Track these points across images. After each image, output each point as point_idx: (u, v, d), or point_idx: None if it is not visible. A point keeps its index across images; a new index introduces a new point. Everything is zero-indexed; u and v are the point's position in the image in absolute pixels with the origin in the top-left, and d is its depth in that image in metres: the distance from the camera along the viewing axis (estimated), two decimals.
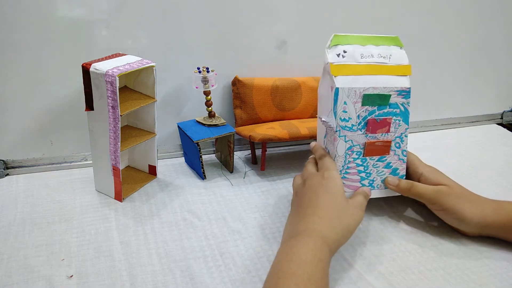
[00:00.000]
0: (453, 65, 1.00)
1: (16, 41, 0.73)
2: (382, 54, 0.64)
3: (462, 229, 0.63)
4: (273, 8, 0.84)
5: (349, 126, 0.63)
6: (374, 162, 0.65)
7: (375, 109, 0.63)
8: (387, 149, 0.65)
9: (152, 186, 0.77)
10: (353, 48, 0.64)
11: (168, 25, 0.80)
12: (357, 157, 0.65)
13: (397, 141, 0.65)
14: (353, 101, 0.62)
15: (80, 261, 0.59)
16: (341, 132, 0.63)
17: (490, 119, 1.08)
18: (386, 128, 0.64)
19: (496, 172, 0.82)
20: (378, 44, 0.65)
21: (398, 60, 0.65)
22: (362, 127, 0.64)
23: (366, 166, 0.65)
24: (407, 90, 0.64)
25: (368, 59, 0.64)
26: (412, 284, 0.56)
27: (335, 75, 0.62)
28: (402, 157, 0.66)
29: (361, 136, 0.64)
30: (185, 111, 0.86)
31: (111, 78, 0.64)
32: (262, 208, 0.71)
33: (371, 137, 0.64)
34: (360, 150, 0.64)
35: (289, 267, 0.50)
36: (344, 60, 0.63)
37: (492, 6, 0.97)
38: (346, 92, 0.62)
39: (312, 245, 0.52)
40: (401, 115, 0.64)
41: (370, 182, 0.66)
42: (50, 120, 0.79)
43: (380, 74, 0.63)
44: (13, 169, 0.80)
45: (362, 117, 0.63)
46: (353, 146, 0.64)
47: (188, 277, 0.57)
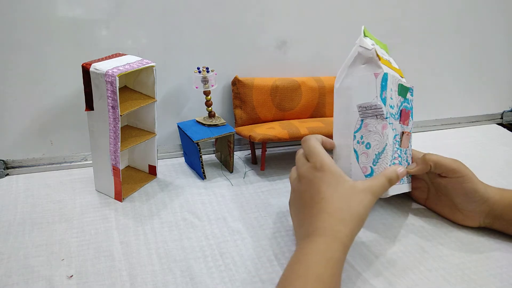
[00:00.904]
0: (453, 65, 1.01)
1: (16, 41, 0.73)
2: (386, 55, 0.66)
3: (472, 210, 0.63)
4: (273, 8, 0.84)
5: (393, 114, 0.62)
6: (403, 154, 0.65)
7: (403, 100, 0.64)
8: (408, 142, 0.66)
9: (152, 186, 0.77)
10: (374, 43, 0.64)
11: (168, 25, 0.80)
12: (398, 147, 0.64)
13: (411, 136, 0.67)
14: (394, 89, 0.62)
15: (80, 261, 0.59)
16: (390, 119, 0.61)
17: (490, 119, 1.08)
18: (408, 121, 0.65)
19: (496, 172, 0.83)
20: (381, 47, 0.66)
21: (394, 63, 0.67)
22: (399, 116, 0.64)
23: (403, 157, 0.64)
24: (412, 88, 0.66)
25: (386, 56, 0.65)
26: (412, 284, 0.56)
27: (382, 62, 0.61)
28: (410, 152, 0.67)
29: (399, 125, 0.64)
30: (185, 111, 0.86)
31: (111, 78, 0.64)
32: (262, 208, 0.71)
33: (402, 128, 0.65)
34: (399, 140, 0.64)
35: (298, 269, 0.49)
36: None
37: (492, 6, 0.97)
38: (391, 79, 0.61)
39: (321, 244, 0.51)
40: (411, 110, 0.66)
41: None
42: (50, 120, 0.79)
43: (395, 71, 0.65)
44: (13, 169, 0.80)
45: (398, 106, 0.63)
46: (396, 135, 0.63)
47: (188, 277, 0.57)
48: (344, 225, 0.52)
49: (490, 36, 1.00)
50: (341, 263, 0.51)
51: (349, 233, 0.53)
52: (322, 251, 0.50)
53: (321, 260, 0.49)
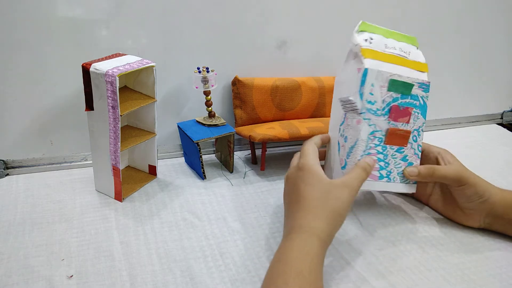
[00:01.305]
0: (453, 65, 1.01)
1: (16, 41, 0.73)
2: (403, 49, 0.65)
3: (473, 210, 0.63)
4: (273, 8, 0.84)
5: (373, 110, 0.62)
6: (393, 152, 0.64)
7: (398, 97, 0.63)
8: (406, 141, 0.65)
9: (152, 186, 0.77)
10: (378, 37, 0.64)
11: (168, 25, 0.80)
12: (378, 143, 0.63)
13: (415, 134, 0.65)
14: (380, 85, 0.62)
15: (80, 261, 0.59)
16: (366, 114, 0.62)
17: (490, 119, 1.08)
18: (407, 118, 0.64)
19: (496, 172, 0.83)
20: (399, 40, 0.66)
21: (416, 57, 0.66)
22: (386, 113, 0.63)
23: (386, 155, 0.64)
24: (427, 83, 0.64)
25: (391, 50, 0.64)
26: (412, 284, 0.56)
27: (366, 57, 0.62)
28: (418, 152, 0.66)
29: (384, 122, 0.63)
30: (185, 111, 0.86)
31: (111, 78, 0.64)
32: (262, 208, 0.71)
33: (393, 124, 0.63)
34: (382, 136, 0.63)
35: (278, 267, 0.50)
36: (371, 46, 0.63)
37: (492, 6, 0.97)
38: (375, 74, 0.61)
39: (298, 240, 0.52)
40: (420, 108, 0.65)
41: (387, 172, 0.65)
42: (50, 120, 0.79)
43: (403, 65, 0.64)
44: (13, 169, 0.80)
45: (387, 102, 0.62)
46: (376, 131, 0.63)
47: (188, 277, 0.57)
48: (320, 221, 0.54)
49: (490, 36, 1.00)
50: (320, 258, 0.52)
51: (326, 229, 0.54)
52: (300, 247, 0.51)
53: (299, 256, 0.50)
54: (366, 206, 0.72)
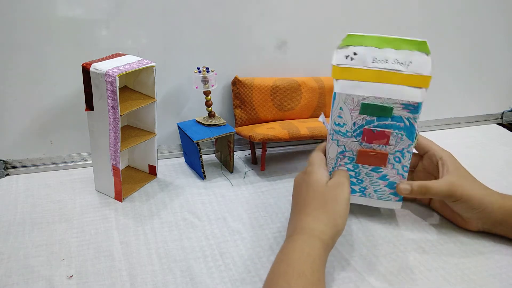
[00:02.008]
0: (453, 65, 1.00)
1: (16, 41, 0.73)
2: (399, 60, 0.58)
3: (471, 218, 0.63)
4: (273, 8, 0.84)
5: (343, 132, 0.61)
6: (368, 171, 0.63)
7: (374, 119, 0.59)
8: (384, 161, 0.62)
9: (152, 186, 0.77)
10: (365, 50, 0.58)
11: (168, 25, 0.80)
12: (349, 162, 0.63)
13: (398, 156, 0.61)
14: (350, 108, 0.59)
15: (80, 261, 0.59)
16: (334, 136, 0.62)
17: (490, 119, 1.08)
18: (385, 141, 0.60)
19: (496, 172, 0.83)
20: (399, 48, 0.58)
21: (417, 68, 0.57)
22: (358, 134, 0.61)
23: (358, 172, 0.64)
24: (415, 105, 0.58)
25: (380, 64, 0.58)
26: (412, 284, 0.56)
27: (336, 78, 0.59)
28: (402, 172, 0.63)
29: (355, 143, 0.62)
30: (185, 111, 0.86)
31: (111, 78, 0.64)
32: (262, 208, 0.71)
33: (366, 146, 0.61)
34: (353, 156, 0.62)
35: (280, 267, 0.50)
36: (352, 63, 0.58)
37: (492, 6, 0.97)
38: (343, 98, 0.59)
39: (300, 242, 0.53)
40: (405, 129, 0.60)
41: (361, 188, 0.65)
42: (50, 120, 0.79)
43: (389, 82, 0.58)
44: (13, 169, 0.80)
45: (359, 125, 0.60)
46: (346, 151, 0.62)
47: (188, 277, 0.57)
48: (321, 224, 0.55)
49: (490, 36, 1.00)
50: (322, 259, 0.52)
51: (327, 231, 0.55)
52: (302, 249, 0.52)
53: (301, 257, 0.51)
54: (366, 206, 0.72)
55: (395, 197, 0.65)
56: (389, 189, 0.64)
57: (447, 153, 0.66)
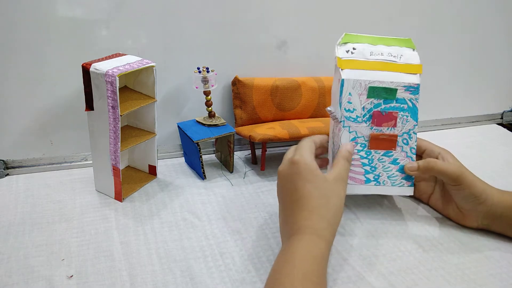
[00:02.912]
0: (453, 65, 1.00)
1: (16, 41, 0.73)
2: (392, 53, 0.65)
3: (471, 210, 0.63)
4: (273, 8, 0.84)
5: (353, 117, 0.64)
6: (380, 156, 0.65)
7: (381, 102, 0.64)
8: (393, 144, 0.65)
9: (152, 186, 0.77)
10: (363, 46, 0.65)
11: (168, 25, 0.80)
12: (361, 149, 0.65)
13: (405, 137, 0.65)
14: (358, 93, 0.63)
15: (80, 261, 0.59)
16: (345, 122, 0.64)
17: (490, 119, 1.08)
18: (393, 123, 0.64)
19: (496, 172, 0.83)
20: (390, 45, 0.66)
21: (408, 60, 0.66)
22: (368, 119, 0.64)
23: (371, 159, 0.65)
24: (415, 86, 0.64)
25: (377, 56, 0.65)
26: (412, 284, 0.56)
27: (342, 68, 0.63)
28: (411, 155, 0.66)
29: (366, 128, 0.64)
30: (185, 111, 0.86)
31: (111, 78, 0.64)
32: (262, 208, 0.71)
33: (377, 130, 0.64)
34: (365, 142, 0.64)
35: (285, 268, 0.50)
36: (353, 56, 0.64)
37: (492, 6, 0.97)
38: (352, 84, 0.63)
39: (306, 242, 0.52)
40: (409, 110, 0.65)
41: (375, 176, 0.65)
42: (50, 120, 0.79)
43: (389, 70, 0.64)
44: (13, 169, 0.80)
45: (367, 109, 0.63)
46: (358, 137, 0.64)
47: (188, 277, 0.57)
48: (325, 222, 0.55)
49: (490, 36, 1.00)
50: (326, 259, 0.52)
51: (331, 229, 0.55)
52: (308, 250, 0.51)
53: (307, 258, 0.50)
54: (366, 206, 0.72)
55: (407, 181, 0.67)
56: (401, 173, 0.66)
57: (445, 150, 0.67)
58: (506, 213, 0.62)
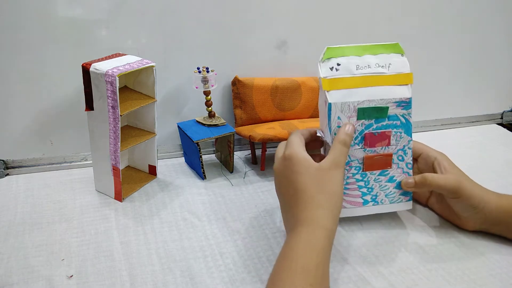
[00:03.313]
0: (453, 65, 1.00)
1: (16, 41, 0.73)
2: (380, 64, 0.61)
3: (468, 217, 0.63)
4: (273, 8, 0.84)
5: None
6: (376, 176, 0.64)
7: (372, 123, 0.61)
8: (389, 163, 0.63)
9: (152, 186, 0.77)
10: (347, 60, 0.61)
11: (168, 25, 0.80)
12: (356, 172, 0.63)
13: (400, 154, 0.63)
14: (348, 116, 0.60)
15: (80, 261, 0.59)
16: None
17: (490, 119, 1.08)
18: (386, 142, 0.62)
19: (496, 172, 0.82)
20: (377, 53, 0.62)
21: (398, 68, 0.62)
22: (360, 141, 0.61)
23: (367, 181, 0.64)
24: (407, 100, 0.61)
25: (364, 70, 0.61)
26: (412, 284, 0.56)
27: (328, 90, 0.60)
28: (407, 170, 0.64)
29: (359, 150, 0.62)
30: (185, 111, 0.86)
31: (111, 78, 0.64)
32: (262, 208, 0.71)
33: (370, 151, 0.62)
34: (359, 165, 0.63)
35: (285, 263, 0.50)
36: (338, 73, 0.60)
37: (492, 6, 0.97)
38: (340, 107, 0.60)
39: (304, 234, 0.52)
40: (402, 126, 0.62)
41: (372, 197, 0.64)
42: (50, 120, 0.79)
43: (377, 85, 0.61)
44: (13, 169, 0.80)
45: (359, 131, 0.61)
46: (351, 161, 0.62)
47: (188, 277, 0.57)
48: (323, 209, 0.53)
49: (490, 36, 1.00)
50: (326, 250, 0.51)
51: (330, 215, 0.53)
52: (306, 241, 0.51)
53: (305, 250, 0.50)
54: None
55: (405, 197, 0.66)
56: (398, 189, 0.65)
57: (441, 154, 0.66)
58: (504, 219, 0.61)
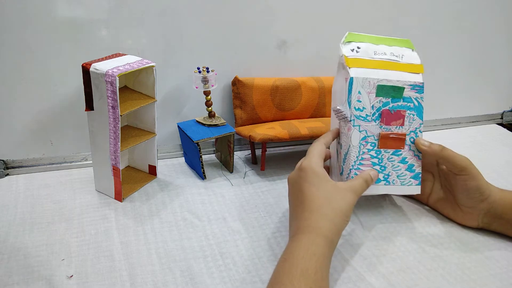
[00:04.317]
0: (453, 65, 1.01)
1: (16, 41, 0.73)
2: (394, 53, 0.66)
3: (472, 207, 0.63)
4: (274, 8, 0.84)
5: (363, 116, 0.63)
6: (389, 155, 0.65)
7: (389, 101, 0.64)
8: (402, 143, 0.65)
9: (152, 186, 0.77)
10: (366, 45, 0.66)
11: (168, 25, 0.80)
12: (371, 148, 0.64)
13: (412, 136, 0.66)
14: (367, 91, 0.63)
15: (80, 261, 0.59)
16: (356, 121, 0.63)
17: (490, 119, 1.08)
18: (401, 121, 0.65)
19: (496, 172, 0.83)
20: (391, 45, 0.67)
21: (410, 59, 0.67)
22: (377, 118, 0.64)
23: (381, 158, 0.65)
24: (420, 84, 0.65)
25: (381, 56, 0.65)
26: (412, 284, 0.56)
27: (350, 66, 0.63)
28: (418, 153, 0.66)
29: (376, 127, 0.64)
30: (185, 111, 0.86)
31: (111, 78, 0.64)
32: (262, 208, 0.71)
33: (386, 129, 0.64)
34: (375, 141, 0.64)
35: (284, 267, 0.50)
36: (357, 55, 0.65)
37: (492, 6, 0.97)
38: (361, 82, 0.63)
39: (305, 240, 0.53)
40: (415, 109, 0.65)
41: (385, 176, 0.65)
42: (50, 120, 0.79)
43: (394, 69, 0.65)
44: (13, 169, 0.80)
45: (376, 108, 0.64)
46: (368, 136, 0.64)
47: (188, 277, 0.57)
48: (326, 220, 0.55)
49: (490, 36, 1.00)
50: (326, 257, 0.52)
51: (333, 228, 0.54)
52: (306, 247, 0.52)
53: (305, 255, 0.50)
54: (366, 206, 0.72)
55: (415, 180, 0.67)
56: (410, 172, 0.66)
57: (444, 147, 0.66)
58: (506, 212, 0.62)
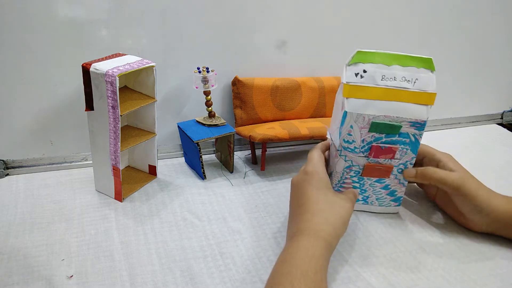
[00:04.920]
0: (453, 65, 1.00)
1: (16, 41, 0.73)
2: (406, 77, 0.59)
3: (475, 219, 0.63)
4: (273, 8, 0.84)
5: (351, 148, 0.62)
6: (372, 182, 0.66)
7: (382, 136, 0.61)
8: (388, 174, 0.64)
9: (152, 186, 0.77)
10: (375, 68, 0.59)
11: (168, 25, 0.80)
12: (354, 175, 0.65)
13: (401, 167, 0.64)
14: (360, 126, 0.60)
15: (80, 261, 0.59)
16: (343, 152, 0.63)
17: (490, 119, 1.08)
18: (391, 155, 0.63)
19: (496, 172, 0.83)
20: (406, 65, 0.59)
21: (423, 85, 0.59)
22: (366, 150, 0.62)
23: (362, 183, 0.66)
24: (422, 122, 0.60)
25: (388, 82, 0.59)
26: (412, 284, 0.56)
27: (347, 97, 0.59)
28: (403, 181, 0.66)
29: (363, 158, 0.63)
30: (185, 111, 0.86)
31: (111, 78, 0.64)
32: (262, 208, 0.71)
33: (373, 161, 0.63)
34: (359, 170, 0.64)
35: (284, 268, 0.50)
36: (361, 80, 0.59)
37: (492, 6, 0.97)
38: (354, 117, 0.60)
39: (305, 242, 0.53)
40: (410, 144, 0.62)
41: (364, 197, 0.67)
42: (50, 120, 0.79)
43: (398, 100, 0.59)
44: (13, 169, 0.80)
45: (367, 142, 0.62)
46: (352, 166, 0.64)
47: (188, 277, 0.57)
48: (326, 224, 0.55)
49: (490, 36, 1.00)
50: (325, 260, 0.52)
51: (332, 232, 0.55)
52: (306, 249, 0.52)
53: (305, 257, 0.51)
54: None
55: (395, 202, 0.68)
56: (390, 196, 0.67)
57: (446, 155, 0.66)
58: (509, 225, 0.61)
